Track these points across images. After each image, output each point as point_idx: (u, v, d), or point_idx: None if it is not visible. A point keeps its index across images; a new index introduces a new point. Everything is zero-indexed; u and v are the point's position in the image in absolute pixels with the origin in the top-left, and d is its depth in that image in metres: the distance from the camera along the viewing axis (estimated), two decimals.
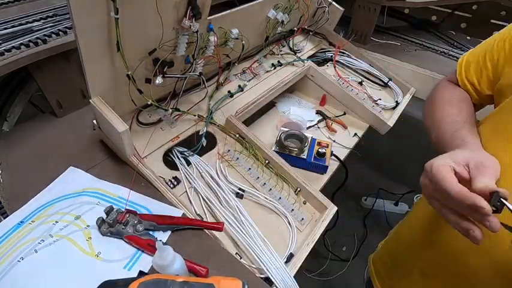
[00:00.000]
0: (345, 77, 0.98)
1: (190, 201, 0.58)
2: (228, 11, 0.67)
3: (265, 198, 0.62)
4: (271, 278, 0.49)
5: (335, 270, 1.40)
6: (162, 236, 0.49)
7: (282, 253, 0.55)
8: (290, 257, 0.54)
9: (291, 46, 0.98)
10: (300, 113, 0.91)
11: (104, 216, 0.49)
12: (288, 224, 0.60)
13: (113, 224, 0.48)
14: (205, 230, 0.51)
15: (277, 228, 0.59)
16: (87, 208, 0.51)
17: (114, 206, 0.50)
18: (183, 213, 0.53)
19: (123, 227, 0.48)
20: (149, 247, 0.46)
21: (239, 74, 0.84)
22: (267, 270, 0.50)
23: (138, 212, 0.51)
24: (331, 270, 1.40)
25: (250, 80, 0.84)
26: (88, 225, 0.49)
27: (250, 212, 0.59)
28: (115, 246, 0.47)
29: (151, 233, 0.49)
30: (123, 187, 0.55)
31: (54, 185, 0.55)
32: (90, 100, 0.53)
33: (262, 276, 0.50)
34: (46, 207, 0.51)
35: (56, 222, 0.48)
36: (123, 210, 0.50)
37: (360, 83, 0.99)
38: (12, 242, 0.46)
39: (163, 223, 0.49)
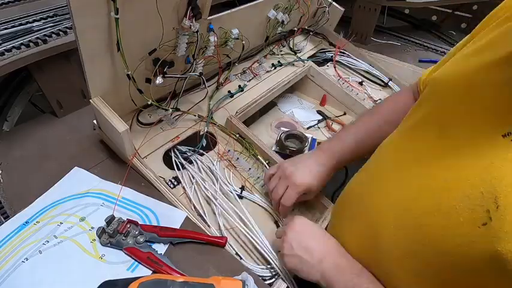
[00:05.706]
0: (345, 77, 0.98)
1: (190, 201, 0.58)
2: (228, 11, 0.67)
3: (265, 198, 0.62)
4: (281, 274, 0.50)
5: None
6: (162, 245, 0.48)
7: None
8: None
9: (291, 46, 0.98)
10: (301, 113, 0.91)
11: (105, 225, 0.47)
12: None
13: (113, 234, 0.46)
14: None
15: (277, 228, 0.59)
16: (91, 210, 0.51)
17: (115, 216, 0.48)
18: (187, 216, 0.52)
19: (123, 237, 0.46)
20: (149, 261, 0.45)
21: (239, 74, 0.84)
22: (276, 267, 0.50)
23: (140, 221, 0.50)
24: None
25: (250, 80, 0.84)
26: (92, 227, 0.49)
27: (250, 212, 0.59)
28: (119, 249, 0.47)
29: (151, 245, 0.47)
30: (127, 188, 0.55)
31: (59, 186, 0.54)
32: (90, 100, 0.53)
33: (262, 276, 0.50)
34: (51, 208, 0.51)
35: (61, 223, 0.48)
36: (125, 220, 0.48)
37: (360, 83, 0.99)
38: (16, 243, 0.46)
39: (164, 235, 0.48)
